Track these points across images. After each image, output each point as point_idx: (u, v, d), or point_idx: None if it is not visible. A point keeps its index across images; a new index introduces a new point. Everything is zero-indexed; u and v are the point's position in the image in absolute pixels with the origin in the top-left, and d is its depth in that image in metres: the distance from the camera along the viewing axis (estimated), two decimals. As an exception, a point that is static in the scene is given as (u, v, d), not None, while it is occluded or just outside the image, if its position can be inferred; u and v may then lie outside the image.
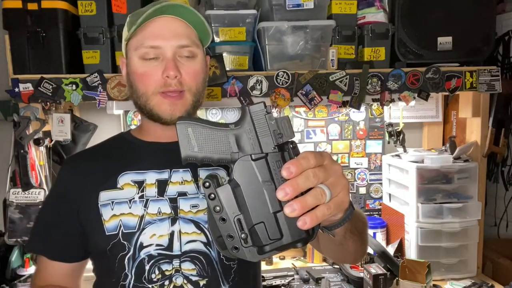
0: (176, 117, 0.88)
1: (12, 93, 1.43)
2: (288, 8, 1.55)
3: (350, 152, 2.03)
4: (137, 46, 0.90)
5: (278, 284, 1.63)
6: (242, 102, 1.55)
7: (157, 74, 0.89)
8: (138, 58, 0.90)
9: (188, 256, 0.88)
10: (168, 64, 0.88)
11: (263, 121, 0.57)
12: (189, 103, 0.92)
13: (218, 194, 0.55)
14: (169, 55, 0.89)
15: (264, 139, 0.56)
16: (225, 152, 0.57)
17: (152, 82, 0.89)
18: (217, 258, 0.89)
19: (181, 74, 0.89)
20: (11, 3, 1.40)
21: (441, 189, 1.74)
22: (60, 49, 1.45)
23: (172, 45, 0.89)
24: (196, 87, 0.92)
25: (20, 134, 1.44)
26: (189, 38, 0.91)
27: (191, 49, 0.91)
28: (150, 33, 0.89)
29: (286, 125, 0.57)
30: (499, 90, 1.67)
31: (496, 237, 2.04)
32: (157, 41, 0.89)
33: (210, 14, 1.52)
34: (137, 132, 1.02)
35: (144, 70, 0.90)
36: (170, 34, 0.89)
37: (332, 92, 1.59)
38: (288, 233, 0.55)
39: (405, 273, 1.54)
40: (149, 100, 0.91)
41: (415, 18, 1.64)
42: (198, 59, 0.93)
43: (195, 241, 0.88)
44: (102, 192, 0.91)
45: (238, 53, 1.59)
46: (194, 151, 0.57)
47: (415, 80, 1.64)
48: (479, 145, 1.76)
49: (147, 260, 0.87)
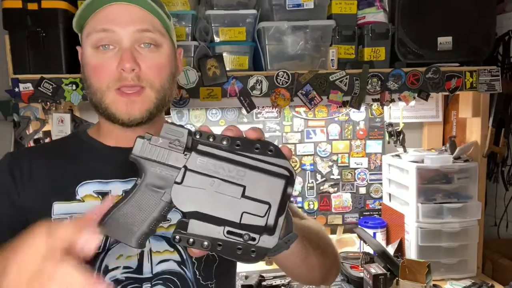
0: (134, 117, 0.78)
1: (12, 93, 1.43)
2: (288, 8, 1.55)
3: (350, 152, 2.03)
4: (89, 33, 0.77)
5: (278, 284, 1.63)
6: (242, 102, 1.55)
7: (112, 67, 0.76)
8: (91, 47, 0.77)
9: (160, 278, 0.76)
10: (124, 55, 0.75)
11: (153, 150, 0.54)
12: (150, 100, 0.78)
13: (195, 235, 0.51)
14: (126, 43, 0.76)
15: (170, 158, 0.53)
16: (155, 206, 0.54)
17: (106, 76, 0.76)
18: (193, 279, 0.78)
19: (139, 67, 0.76)
20: (11, 3, 1.40)
21: (441, 189, 1.74)
22: (60, 49, 1.44)
23: (130, 31, 0.76)
24: (160, 82, 0.79)
25: (20, 134, 1.44)
26: (151, 25, 0.78)
27: (153, 36, 0.77)
28: (102, 17, 0.76)
29: (171, 128, 0.54)
30: (499, 90, 1.67)
31: (496, 237, 2.04)
32: (112, 25, 0.75)
33: (210, 14, 1.52)
34: (95, 133, 0.88)
35: (97, 62, 0.77)
36: (128, 19, 0.76)
37: (332, 92, 1.59)
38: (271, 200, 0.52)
39: (405, 273, 1.54)
40: (104, 97, 0.78)
41: (415, 18, 1.64)
42: (164, 50, 0.80)
43: (167, 261, 0.77)
44: (56, 203, 0.77)
45: (238, 53, 1.59)
46: (134, 231, 0.54)
47: (415, 80, 1.64)
48: (479, 145, 1.76)
49: (113, 286, 0.75)
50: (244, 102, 1.55)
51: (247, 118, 1.96)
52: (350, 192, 2.05)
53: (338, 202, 2.04)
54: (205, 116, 1.92)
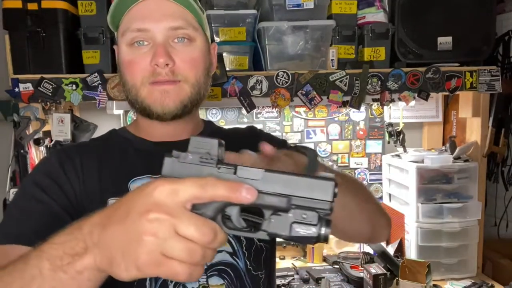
0: (168, 109, 0.77)
1: (12, 93, 1.43)
2: (288, 8, 1.55)
3: (350, 152, 2.03)
4: (124, 31, 0.77)
5: (278, 284, 1.63)
6: (242, 102, 1.55)
7: (145, 62, 0.75)
8: (126, 45, 0.77)
9: (215, 269, 0.77)
10: (158, 50, 0.74)
11: (184, 168, 0.50)
12: (185, 93, 0.78)
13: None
14: (159, 39, 0.75)
15: (204, 174, 0.49)
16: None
17: (139, 71, 0.76)
18: (244, 269, 0.79)
19: (174, 62, 0.75)
20: (11, 3, 1.40)
21: (441, 189, 1.74)
22: (60, 49, 1.45)
23: (163, 27, 0.75)
24: (195, 77, 0.78)
25: (20, 134, 1.44)
26: (184, 20, 0.77)
27: (187, 32, 0.77)
28: (137, 15, 0.76)
29: (198, 141, 0.50)
30: (499, 90, 1.67)
31: (496, 237, 2.04)
32: (145, 23, 0.75)
33: (210, 14, 1.52)
34: (135, 131, 0.88)
35: (131, 58, 0.77)
36: (161, 15, 0.75)
37: (332, 92, 1.59)
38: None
39: (405, 273, 1.54)
40: (139, 92, 0.78)
41: (415, 18, 1.64)
42: (197, 44, 0.79)
43: (221, 252, 0.78)
44: (111, 199, 0.76)
45: (238, 53, 1.59)
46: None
47: (415, 80, 1.64)
48: (479, 145, 1.76)
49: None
50: (244, 102, 1.55)
51: (247, 118, 1.96)
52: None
53: (338, 202, 2.04)
54: (205, 116, 1.92)
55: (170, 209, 0.43)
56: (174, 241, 0.43)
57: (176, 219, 0.43)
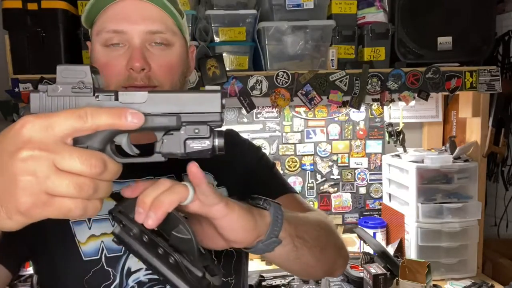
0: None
1: (12, 93, 1.43)
2: (288, 8, 1.55)
3: (350, 152, 2.03)
4: (99, 31, 0.74)
5: (278, 284, 1.63)
6: (242, 102, 1.55)
7: (121, 65, 0.72)
8: (100, 45, 0.74)
9: None
10: (134, 54, 0.71)
11: (56, 102, 0.46)
12: None
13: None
14: (136, 42, 0.72)
15: (80, 105, 0.46)
16: None
17: (114, 74, 0.72)
18: None
19: (150, 67, 0.72)
20: (11, 3, 1.40)
21: (441, 189, 1.74)
22: (60, 49, 1.45)
23: (141, 31, 0.72)
24: (171, 83, 0.75)
25: (20, 134, 1.44)
26: (163, 24, 0.74)
27: (165, 36, 0.74)
28: (113, 15, 0.73)
29: (68, 70, 0.46)
30: (499, 90, 1.67)
31: (496, 237, 2.04)
32: (122, 24, 0.71)
33: (210, 14, 1.52)
34: None
35: (106, 60, 0.73)
36: (139, 17, 0.72)
37: (332, 92, 1.59)
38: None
39: (405, 273, 1.54)
40: None
41: (415, 18, 1.64)
42: (175, 49, 0.76)
43: None
44: None
45: (238, 53, 1.59)
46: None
47: (415, 80, 1.64)
48: (479, 145, 1.76)
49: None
50: (244, 102, 1.55)
51: (247, 118, 1.96)
52: (350, 192, 2.05)
53: (338, 202, 2.04)
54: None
55: (45, 145, 0.40)
56: (56, 178, 0.40)
57: (55, 154, 0.40)
